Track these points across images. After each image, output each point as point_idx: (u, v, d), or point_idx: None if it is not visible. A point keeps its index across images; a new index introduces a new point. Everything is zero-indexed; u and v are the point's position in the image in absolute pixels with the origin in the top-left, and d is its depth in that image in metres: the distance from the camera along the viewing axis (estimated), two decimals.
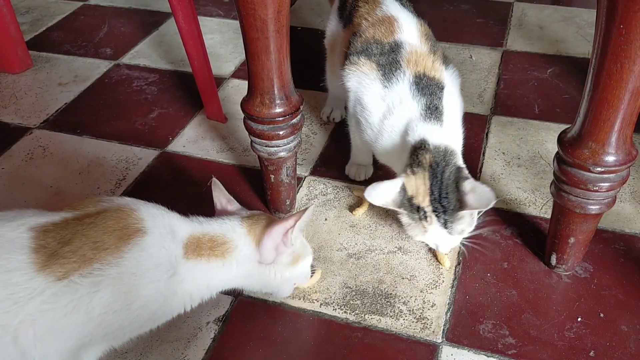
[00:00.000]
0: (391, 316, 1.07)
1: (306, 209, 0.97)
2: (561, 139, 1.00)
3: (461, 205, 1.02)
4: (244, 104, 1.13)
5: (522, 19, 1.98)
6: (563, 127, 1.05)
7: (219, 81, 1.71)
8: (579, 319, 1.05)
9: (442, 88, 1.12)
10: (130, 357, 1.01)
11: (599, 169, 0.95)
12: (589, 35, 1.85)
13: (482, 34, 1.90)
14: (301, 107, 1.15)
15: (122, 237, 0.83)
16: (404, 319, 1.06)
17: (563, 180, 1.01)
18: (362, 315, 1.07)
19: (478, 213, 1.08)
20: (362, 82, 1.15)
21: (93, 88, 1.71)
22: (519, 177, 1.36)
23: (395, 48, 1.14)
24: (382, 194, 1.04)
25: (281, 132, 1.13)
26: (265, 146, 1.16)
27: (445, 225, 1.04)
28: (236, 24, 2.00)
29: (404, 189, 1.04)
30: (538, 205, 1.28)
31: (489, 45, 1.84)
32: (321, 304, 1.09)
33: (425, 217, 1.04)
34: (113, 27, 2.01)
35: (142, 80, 1.73)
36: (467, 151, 1.42)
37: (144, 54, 1.85)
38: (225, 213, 1.04)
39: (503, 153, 1.43)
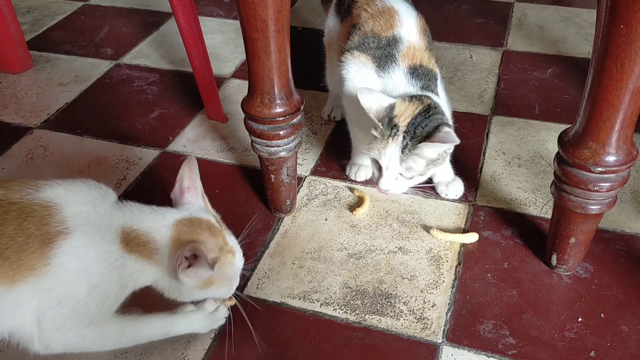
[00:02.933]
0: (391, 316, 1.07)
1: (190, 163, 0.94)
2: (562, 139, 1.00)
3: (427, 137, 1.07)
4: (245, 104, 1.13)
5: (523, 19, 1.98)
6: (563, 127, 1.05)
7: (220, 81, 1.71)
8: (580, 319, 1.05)
9: (436, 79, 1.17)
10: (130, 357, 1.01)
11: (599, 169, 0.95)
12: (589, 36, 1.85)
13: (482, 34, 1.90)
14: (301, 107, 1.15)
15: (45, 241, 0.81)
16: (404, 319, 1.06)
17: (563, 181, 1.01)
18: (363, 315, 1.07)
19: (433, 165, 1.11)
20: (359, 70, 1.18)
21: (94, 88, 1.71)
22: (520, 177, 1.36)
23: (393, 42, 1.17)
24: (374, 100, 1.10)
25: (282, 132, 1.13)
26: (266, 146, 1.16)
27: (403, 149, 1.08)
28: (237, 24, 2.00)
29: (392, 107, 1.09)
30: (538, 205, 1.28)
31: (489, 45, 1.84)
32: (321, 304, 1.09)
33: (394, 135, 1.08)
34: (114, 27, 2.01)
35: (143, 80, 1.73)
36: (467, 151, 1.42)
37: (144, 54, 1.85)
38: (179, 199, 0.95)
39: (503, 153, 1.42)
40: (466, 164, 1.39)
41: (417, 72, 1.16)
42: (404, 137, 1.08)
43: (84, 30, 1.99)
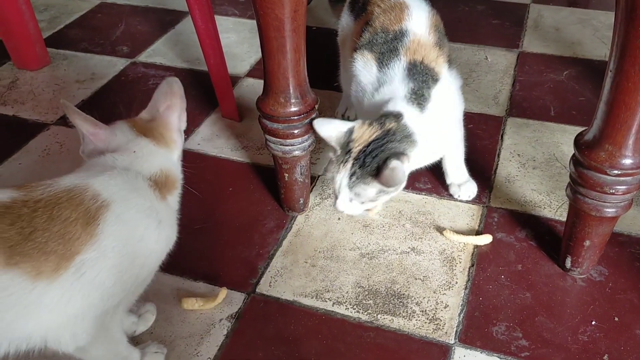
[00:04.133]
0: (404, 316, 1.07)
1: (171, 84, 0.98)
2: (578, 141, 1.00)
3: (376, 174, 1.02)
4: (260, 102, 1.13)
5: (539, 21, 1.97)
6: (579, 129, 1.04)
7: (234, 80, 1.71)
8: (593, 323, 1.05)
9: (436, 80, 1.12)
10: None
11: (615, 171, 0.95)
12: (606, 38, 1.84)
13: (497, 35, 1.89)
14: (316, 107, 1.15)
15: (88, 222, 0.80)
16: (416, 320, 1.06)
17: (579, 183, 1.00)
18: (375, 315, 1.07)
19: (384, 194, 1.06)
20: (365, 66, 1.16)
21: (110, 86, 1.72)
22: (534, 179, 1.35)
23: (399, 36, 1.14)
24: (332, 128, 1.06)
25: (296, 131, 1.14)
26: (280, 145, 1.16)
27: (350, 177, 1.04)
28: (252, 23, 2.00)
29: (351, 131, 1.05)
30: (553, 207, 1.27)
31: (504, 46, 1.83)
32: (334, 303, 1.10)
33: (345, 161, 1.04)
34: (130, 25, 2.03)
35: (159, 78, 1.74)
36: (482, 152, 1.42)
37: (160, 53, 1.87)
38: (96, 141, 0.92)
39: (518, 155, 1.42)
40: (480, 165, 1.38)
41: (414, 70, 1.11)
42: (352, 165, 1.03)
43: (101, 28, 2.01)
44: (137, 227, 0.85)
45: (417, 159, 1.09)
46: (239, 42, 1.91)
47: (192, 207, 1.01)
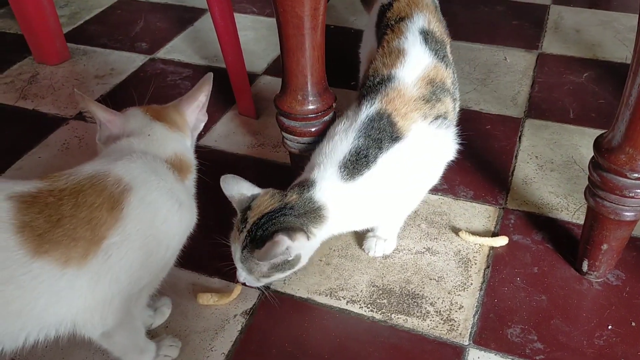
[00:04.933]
0: (418, 317, 1.07)
1: (207, 80, 1.01)
2: (598, 144, 0.99)
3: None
4: (278, 100, 1.14)
5: (559, 22, 1.95)
6: (598, 132, 1.03)
7: (251, 78, 1.72)
8: (610, 327, 1.04)
9: (395, 139, 1.00)
10: None
11: (636, 174, 0.94)
12: (627, 40, 1.82)
13: (517, 36, 1.88)
14: (333, 105, 1.15)
15: (113, 206, 0.81)
16: (430, 320, 1.06)
17: (598, 186, 0.99)
18: (389, 314, 1.07)
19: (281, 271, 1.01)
20: (349, 108, 1.10)
21: (128, 81, 1.74)
22: (552, 181, 1.34)
23: (385, 81, 1.06)
24: (235, 189, 1.03)
25: (313, 129, 1.14)
26: (297, 142, 1.16)
27: (242, 250, 0.99)
28: (270, 21, 2.01)
29: (253, 198, 1.01)
30: (571, 210, 1.26)
31: (524, 47, 1.82)
32: (348, 302, 1.10)
33: (240, 231, 1.00)
34: (149, 22, 2.04)
35: (177, 74, 1.76)
36: (499, 154, 1.41)
37: (178, 49, 1.88)
38: (112, 127, 0.95)
39: (536, 157, 1.41)
40: (498, 166, 1.38)
41: (372, 124, 1.01)
42: (245, 237, 0.98)
43: (120, 24, 2.03)
44: (160, 209, 0.86)
45: (344, 225, 1.04)
46: (256, 40, 1.91)
47: (207, 203, 1.02)
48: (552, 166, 1.38)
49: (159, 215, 0.86)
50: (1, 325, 0.77)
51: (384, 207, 1.07)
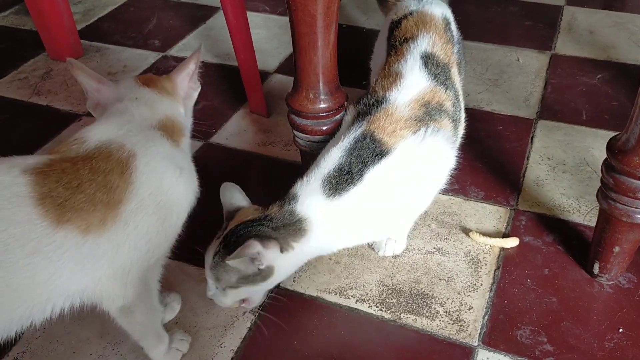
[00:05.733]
0: (427, 316, 1.06)
1: (197, 50, 1.01)
2: (611, 146, 0.98)
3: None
4: (289, 98, 1.14)
5: (572, 23, 1.94)
6: (611, 134, 1.03)
7: (263, 76, 1.72)
8: (620, 330, 1.03)
9: (383, 154, 0.99)
10: None
11: None
12: None
13: (530, 37, 1.87)
14: (345, 104, 1.15)
15: (122, 171, 0.83)
16: (440, 320, 1.06)
17: (611, 188, 0.99)
18: (398, 314, 1.07)
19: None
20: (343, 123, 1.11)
21: None
22: (564, 183, 1.33)
23: (377, 103, 1.05)
24: (228, 198, 1.04)
25: (324, 128, 1.14)
26: (308, 141, 1.16)
27: (214, 256, 0.96)
28: (282, 19, 2.01)
29: (238, 210, 1.02)
30: (582, 212, 1.26)
31: (537, 48, 1.81)
32: (357, 301, 1.10)
33: (217, 238, 0.99)
34: (162, 19, 2.05)
35: None
36: (511, 155, 1.40)
37: (191, 47, 1.88)
38: (99, 96, 0.97)
39: (548, 158, 1.40)
40: (509, 167, 1.37)
41: (358, 144, 1.00)
42: (219, 244, 0.96)
43: (133, 21, 2.04)
44: (164, 175, 0.88)
45: (325, 244, 1.02)
46: (268, 38, 1.92)
47: (218, 200, 1.03)
48: (564, 168, 1.37)
49: (165, 181, 0.88)
50: (30, 297, 0.78)
51: (379, 221, 1.05)
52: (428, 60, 1.10)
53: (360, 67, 1.50)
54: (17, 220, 0.75)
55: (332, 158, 1.01)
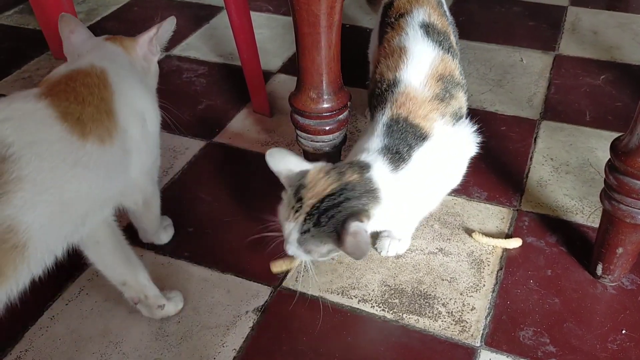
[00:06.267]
0: (429, 317, 1.06)
1: (166, 20, 1.11)
2: (615, 147, 0.98)
3: (338, 238, 0.91)
4: (292, 98, 1.14)
5: (576, 24, 1.93)
6: (615, 135, 1.02)
7: (266, 76, 1.72)
8: (624, 331, 1.03)
9: (423, 138, 0.99)
10: (171, 340, 1.03)
11: None
12: None
13: (533, 37, 1.86)
14: (348, 104, 1.15)
15: (104, 83, 0.91)
16: (442, 321, 1.06)
17: (614, 189, 0.99)
18: (400, 314, 1.07)
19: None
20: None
21: None
22: (567, 184, 1.33)
23: (392, 86, 1.04)
24: (283, 164, 0.96)
25: (327, 128, 1.14)
26: (311, 141, 1.16)
27: (302, 233, 0.93)
28: (285, 19, 2.01)
29: (303, 175, 0.95)
30: (585, 213, 1.25)
31: (540, 48, 1.81)
32: (359, 301, 1.10)
33: (297, 212, 0.93)
34: (165, 19, 2.04)
35: (192, 72, 1.76)
36: (514, 155, 1.40)
37: (194, 47, 1.88)
38: (73, 38, 1.06)
39: (551, 159, 1.40)
40: (512, 168, 1.37)
41: (394, 127, 1.00)
42: (305, 221, 0.92)
43: (137, 21, 2.04)
44: (131, 85, 0.99)
45: (380, 220, 0.96)
46: (272, 38, 1.92)
47: (221, 200, 1.03)
48: (568, 168, 1.37)
49: (132, 91, 0.98)
50: (75, 210, 0.84)
51: (422, 204, 1.06)
52: (428, 28, 1.09)
53: (364, 67, 1.50)
54: (54, 139, 0.81)
55: (375, 136, 1.01)
